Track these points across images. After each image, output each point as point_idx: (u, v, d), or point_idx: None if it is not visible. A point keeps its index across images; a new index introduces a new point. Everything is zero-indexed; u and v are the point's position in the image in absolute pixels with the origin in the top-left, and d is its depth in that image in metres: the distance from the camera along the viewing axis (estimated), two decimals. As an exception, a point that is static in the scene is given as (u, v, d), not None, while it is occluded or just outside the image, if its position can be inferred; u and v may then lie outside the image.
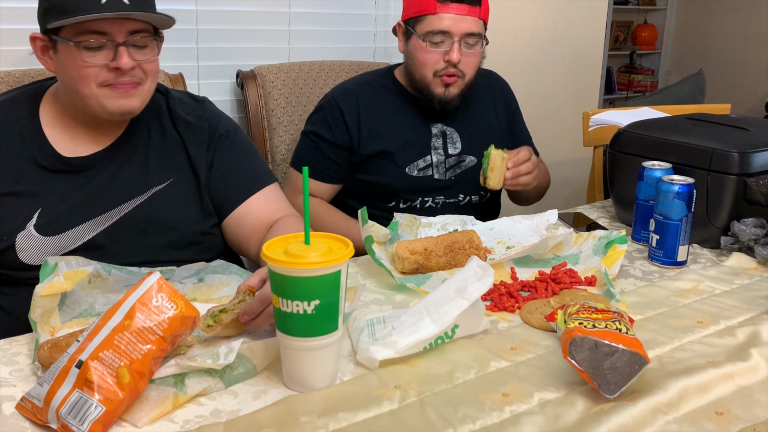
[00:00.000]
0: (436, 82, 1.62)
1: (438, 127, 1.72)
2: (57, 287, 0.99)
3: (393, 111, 1.70)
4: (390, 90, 1.73)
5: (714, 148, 1.38)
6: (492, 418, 0.84)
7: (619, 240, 1.29)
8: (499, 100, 1.82)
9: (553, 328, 1.05)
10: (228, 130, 1.38)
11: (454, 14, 1.56)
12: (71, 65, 1.17)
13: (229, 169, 1.35)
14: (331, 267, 0.84)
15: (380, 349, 0.94)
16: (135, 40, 1.18)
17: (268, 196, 1.36)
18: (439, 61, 1.60)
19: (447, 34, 1.57)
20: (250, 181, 1.36)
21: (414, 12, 1.61)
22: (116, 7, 1.14)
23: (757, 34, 4.77)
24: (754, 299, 1.18)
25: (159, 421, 0.83)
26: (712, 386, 0.89)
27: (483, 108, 1.78)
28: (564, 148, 2.83)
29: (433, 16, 1.57)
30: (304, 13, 2.14)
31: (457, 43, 1.57)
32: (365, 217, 1.25)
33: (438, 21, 1.57)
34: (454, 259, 1.28)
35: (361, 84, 1.74)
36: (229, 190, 1.34)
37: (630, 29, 5.71)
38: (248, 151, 1.41)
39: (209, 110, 1.39)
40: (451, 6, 1.56)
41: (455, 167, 1.72)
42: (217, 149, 1.35)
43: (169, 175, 1.30)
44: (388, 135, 1.68)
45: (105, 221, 1.24)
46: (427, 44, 1.58)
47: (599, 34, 2.87)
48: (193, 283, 1.16)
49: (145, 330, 0.82)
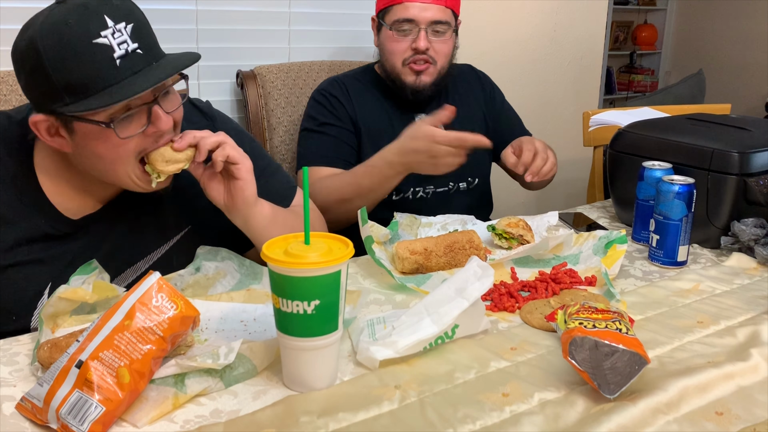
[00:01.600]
0: (405, 71, 1.66)
1: (421, 117, 1.72)
2: (79, 295, 0.99)
3: (376, 103, 1.73)
4: (372, 83, 1.76)
5: (714, 148, 1.38)
6: (492, 418, 0.84)
7: (619, 240, 1.29)
8: (479, 92, 1.84)
9: (553, 328, 1.05)
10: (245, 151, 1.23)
11: (419, 3, 1.61)
12: (103, 146, 1.02)
13: None
14: (331, 267, 0.84)
15: (380, 349, 0.94)
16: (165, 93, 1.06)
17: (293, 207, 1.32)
18: (406, 49, 1.64)
19: (413, 23, 1.61)
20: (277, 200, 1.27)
21: (383, 4, 1.67)
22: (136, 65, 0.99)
23: (757, 35, 4.77)
24: (754, 299, 1.18)
25: (159, 421, 0.83)
26: (712, 386, 0.89)
27: (463, 99, 1.79)
28: (564, 148, 2.82)
29: (399, 6, 1.62)
30: (304, 13, 2.14)
31: (423, 31, 1.61)
32: (365, 217, 1.25)
33: (403, 10, 1.61)
34: (454, 259, 1.28)
35: (346, 76, 1.78)
36: None
37: (630, 29, 5.71)
38: (265, 165, 1.31)
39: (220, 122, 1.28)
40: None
41: None
42: None
43: (186, 221, 1.21)
44: (374, 126, 1.70)
45: (121, 283, 1.17)
46: (394, 33, 1.63)
47: (599, 34, 2.87)
48: (191, 274, 1.16)
49: (145, 330, 0.82)
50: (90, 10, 0.97)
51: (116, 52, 0.97)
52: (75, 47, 0.95)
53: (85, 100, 0.97)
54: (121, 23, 0.98)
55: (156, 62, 1.02)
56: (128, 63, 0.98)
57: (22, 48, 0.99)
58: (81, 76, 0.96)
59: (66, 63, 0.95)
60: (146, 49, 1.01)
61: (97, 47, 0.96)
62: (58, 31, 0.95)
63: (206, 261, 1.18)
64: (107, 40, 0.96)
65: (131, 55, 0.98)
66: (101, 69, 0.96)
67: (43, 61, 0.96)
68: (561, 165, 2.81)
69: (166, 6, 1.94)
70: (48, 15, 0.98)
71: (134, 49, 0.98)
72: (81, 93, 0.97)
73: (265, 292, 1.14)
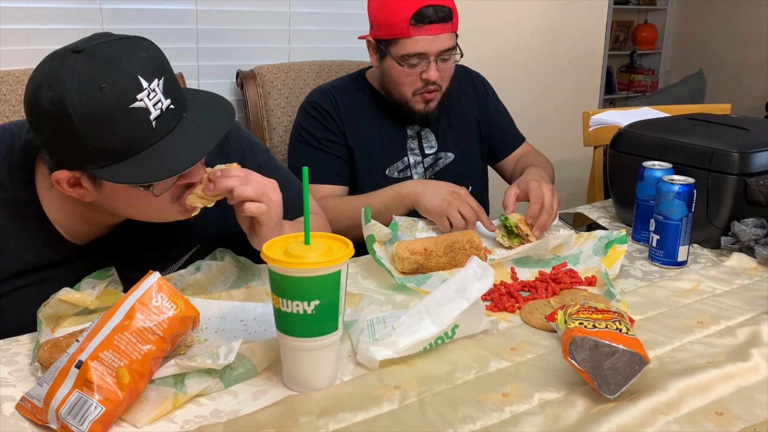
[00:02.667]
0: (416, 100, 1.63)
1: (413, 128, 1.72)
2: (80, 301, 0.99)
3: (368, 115, 1.70)
4: (364, 93, 1.72)
5: (714, 148, 1.38)
6: (492, 419, 0.84)
7: (620, 240, 1.29)
8: (471, 93, 1.82)
9: (553, 328, 1.05)
10: (259, 166, 1.23)
11: (427, 36, 1.54)
12: (135, 200, 1.00)
13: None
14: (331, 267, 0.84)
15: (380, 349, 0.94)
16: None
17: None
18: (416, 81, 1.60)
19: (423, 56, 1.56)
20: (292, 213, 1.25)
21: (386, 34, 1.58)
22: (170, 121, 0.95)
23: (757, 34, 4.77)
24: (755, 299, 1.18)
25: (159, 421, 0.83)
26: (713, 386, 0.89)
27: (455, 104, 1.77)
28: (564, 148, 2.83)
29: (408, 40, 1.55)
30: (304, 13, 2.14)
31: (433, 62, 1.57)
32: (368, 215, 1.25)
33: (413, 44, 1.55)
34: (454, 259, 1.28)
35: (334, 87, 1.74)
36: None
37: (630, 29, 5.71)
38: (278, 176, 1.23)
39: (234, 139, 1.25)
40: (424, 28, 1.53)
41: (433, 166, 1.73)
42: None
43: (196, 240, 1.19)
44: (365, 137, 1.68)
45: None
46: (405, 67, 1.58)
47: (599, 34, 2.87)
48: (191, 274, 1.15)
49: (145, 330, 0.82)
50: (123, 70, 0.91)
51: (152, 114, 0.93)
52: (112, 114, 0.90)
53: (123, 163, 0.93)
54: (154, 81, 0.93)
55: (186, 112, 0.98)
56: (163, 122, 0.95)
57: (46, 108, 0.91)
58: (117, 141, 0.92)
59: (101, 129, 0.91)
60: (176, 102, 0.97)
61: (134, 112, 0.91)
62: (93, 98, 0.89)
63: (206, 261, 1.18)
64: (143, 104, 0.92)
65: (165, 114, 0.95)
66: (138, 133, 0.92)
67: (76, 128, 0.90)
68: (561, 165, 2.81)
69: (166, 6, 1.94)
70: (76, 74, 0.90)
71: (168, 106, 0.95)
72: (116, 157, 0.93)
73: (265, 289, 1.14)
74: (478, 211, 1.42)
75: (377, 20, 1.60)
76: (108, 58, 0.92)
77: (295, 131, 1.72)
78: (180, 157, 0.94)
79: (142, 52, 0.95)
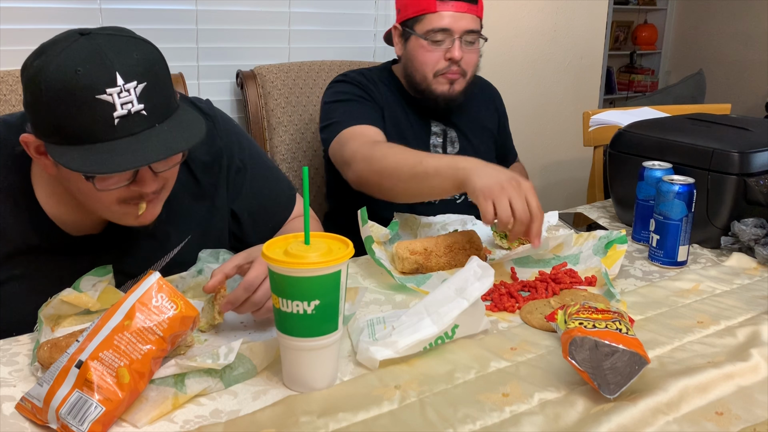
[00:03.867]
0: (438, 81, 1.62)
1: (439, 125, 1.72)
2: (83, 301, 0.99)
3: (393, 107, 1.70)
4: (390, 87, 1.72)
5: (714, 148, 1.38)
6: (492, 418, 0.84)
7: (620, 240, 1.29)
8: (493, 110, 1.85)
9: (553, 328, 1.05)
10: (242, 159, 1.26)
11: (453, 12, 1.56)
12: (84, 186, 0.99)
13: (254, 207, 1.27)
14: (331, 267, 0.84)
15: (380, 349, 0.94)
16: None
17: (293, 212, 1.33)
18: (440, 59, 1.59)
19: (447, 32, 1.57)
20: (279, 211, 1.30)
21: (413, 12, 1.60)
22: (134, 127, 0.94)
23: (757, 34, 4.77)
24: (754, 299, 1.18)
25: (159, 421, 0.83)
26: (712, 386, 0.89)
27: (481, 113, 1.79)
28: (564, 148, 2.83)
29: (433, 15, 1.57)
30: (304, 13, 2.14)
31: (458, 41, 1.57)
32: (365, 217, 1.25)
33: (438, 19, 1.57)
34: (454, 259, 1.28)
35: (368, 70, 1.73)
36: (258, 226, 1.29)
37: (630, 29, 5.71)
38: (266, 174, 1.30)
39: (222, 129, 1.24)
40: (450, 3, 1.56)
41: None
42: (237, 189, 1.25)
43: (187, 231, 1.20)
44: (391, 127, 1.66)
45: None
46: (428, 42, 1.58)
47: (599, 34, 2.87)
48: (192, 277, 1.15)
49: (145, 330, 0.82)
50: (105, 62, 0.92)
51: (117, 111, 0.92)
52: (77, 98, 0.91)
53: (72, 147, 0.93)
54: (132, 82, 0.93)
55: (160, 123, 0.96)
56: (127, 124, 0.93)
57: (30, 73, 0.94)
58: (75, 125, 0.92)
59: (63, 109, 0.92)
60: (152, 111, 0.95)
61: (99, 103, 0.91)
62: (65, 77, 0.91)
63: (208, 263, 1.17)
64: (111, 99, 0.92)
65: (133, 117, 0.94)
66: (97, 124, 0.92)
67: (43, 99, 0.92)
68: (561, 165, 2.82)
69: (166, 6, 1.94)
70: (65, 51, 0.92)
71: (138, 110, 0.94)
72: (71, 139, 0.93)
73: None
74: (534, 213, 1.17)
75: (404, 2, 1.63)
76: (99, 47, 0.93)
77: (327, 98, 1.65)
78: (122, 160, 0.93)
79: (136, 53, 0.95)
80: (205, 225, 1.23)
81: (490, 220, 1.17)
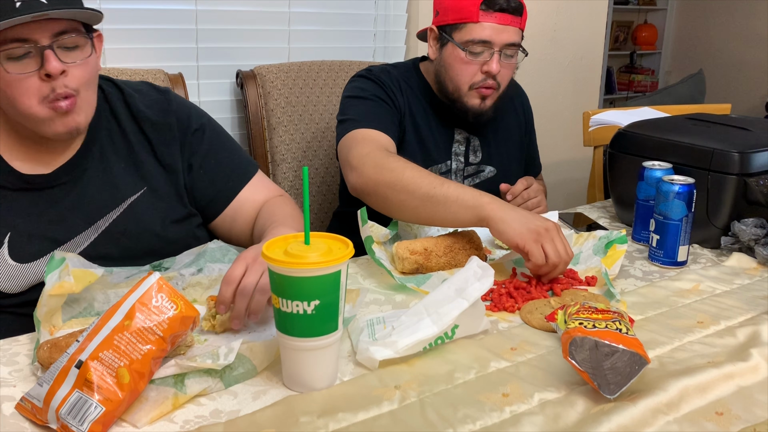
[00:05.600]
0: (471, 95, 1.56)
1: (462, 133, 1.67)
2: (66, 288, 0.99)
3: (418, 110, 1.64)
4: (416, 88, 1.65)
5: (714, 148, 1.38)
6: (492, 419, 0.84)
7: (620, 240, 1.29)
8: (520, 113, 1.80)
9: (553, 328, 1.05)
10: (201, 123, 1.30)
11: (496, 23, 1.50)
12: (4, 88, 1.06)
13: (212, 167, 1.29)
14: (331, 267, 0.84)
15: (380, 349, 0.94)
16: (63, 41, 1.07)
17: (256, 185, 1.33)
18: (476, 72, 1.53)
19: (488, 44, 1.51)
20: (237, 175, 1.32)
21: (453, 19, 1.53)
22: (32, 8, 1.02)
23: (757, 34, 4.77)
24: (755, 299, 1.18)
25: (159, 421, 0.83)
26: (713, 386, 0.89)
27: (506, 119, 1.73)
28: (564, 148, 2.83)
29: (475, 25, 1.50)
30: (304, 13, 2.14)
31: (497, 54, 1.51)
32: (365, 217, 1.25)
33: (480, 30, 1.50)
34: (454, 259, 1.28)
35: (395, 67, 1.67)
36: (216, 188, 1.30)
37: (630, 29, 5.71)
38: (226, 142, 1.34)
39: (175, 102, 1.29)
40: (494, 15, 1.49)
41: (473, 176, 1.69)
42: (194, 148, 1.28)
43: (141, 183, 1.23)
44: (412, 133, 1.62)
45: (82, 242, 1.17)
46: (466, 54, 1.51)
47: (599, 34, 2.87)
48: (192, 275, 1.15)
49: (145, 330, 0.82)
50: None
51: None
52: None
53: None
54: None
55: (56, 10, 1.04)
56: (28, 7, 1.01)
57: None
58: None
59: None
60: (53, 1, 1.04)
61: None
62: None
63: (211, 262, 1.17)
64: None
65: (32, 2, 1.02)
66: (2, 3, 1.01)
67: None
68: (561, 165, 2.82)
69: (166, 6, 1.94)
70: None
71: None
72: None
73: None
74: (564, 255, 1.19)
75: (444, 5, 1.55)
76: None
77: (348, 92, 1.61)
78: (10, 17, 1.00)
79: None
80: (158, 180, 1.25)
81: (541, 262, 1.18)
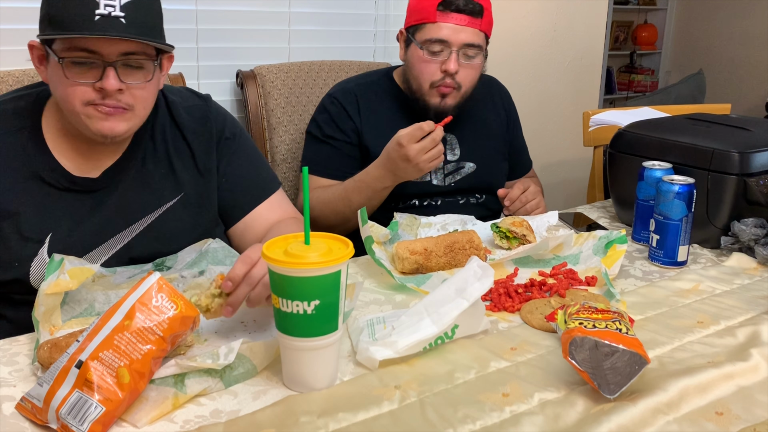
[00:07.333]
0: (432, 93, 1.60)
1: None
2: (62, 286, 0.99)
3: (391, 115, 1.68)
4: (388, 93, 1.71)
5: (714, 148, 1.38)
6: (492, 418, 0.84)
7: (619, 240, 1.29)
8: (500, 108, 1.81)
9: (553, 328, 1.05)
10: (234, 133, 1.34)
11: (453, 24, 1.54)
12: (57, 80, 1.11)
13: (235, 177, 1.32)
14: (331, 267, 0.84)
15: (380, 349, 0.94)
16: (128, 60, 1.10)
17: (273, 203, 1.35)
18: (436, 71, 1.57)
19: (445, 44, 1.55)
20: (257, 189, 1.34)
21: (415, 20, 1.59)
22: (109, 26, 1.06)
23: (757, 34, 4.77)
24: (754, 299, 1.18)
25: (159, 421, 0.83)
26: (712, 386, 0.89)
27: (483, 114, 1.76)
28: (564, 148, 2.83)
29: (433, 25, 1.55)
30: (304, 13, 2.14)
31: (455, 53, 1.55)
32: (365, 217, 1.25)
33: (437, 30, 1.55)
34: (454, 259, 1.28)
35: (360, 85, 1.73)
36: (235, 198, 1.32)
37: (630, 29, 5.71)
38: (253, 155, 1.37)
39: (214, 109, 1.34)
40: (451, 15, 1.53)
41: (454, 173, 1.71)
42: (223, 154, 1.31)
43: (180, 189, 1.26)
44: (382, 139, 1.62)
45: (116, 244, 1.20)
46: (425, 52, 1.57)
47: (599, 34, 2.87)
48: (193, 277, 1.15)
49: (145, 330, 0.82)
50: None
51: (100, 9, 1.05)
52: None
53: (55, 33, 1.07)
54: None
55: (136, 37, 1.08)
56: (105, 23, 1.06)
57: None
58: (62, 13, 1.06)
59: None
60: (131, 22, 1.07)
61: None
62: None
63: (213, 264, 1.17)
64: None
65: (111, 18, 1.06)
66: (78, 15, 1.05)
67: None
68: (561, 165, 2.82)
69: (166, 6, 1.92)
70: None
71: (117, 15, 1.06)
72: (56, 26, 1.07)
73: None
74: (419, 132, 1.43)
75: (410, 8, 1.63)
76: None
77: (311, 121, 1.74)
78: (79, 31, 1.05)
79: None
80: (197, 186, 1.28)
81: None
